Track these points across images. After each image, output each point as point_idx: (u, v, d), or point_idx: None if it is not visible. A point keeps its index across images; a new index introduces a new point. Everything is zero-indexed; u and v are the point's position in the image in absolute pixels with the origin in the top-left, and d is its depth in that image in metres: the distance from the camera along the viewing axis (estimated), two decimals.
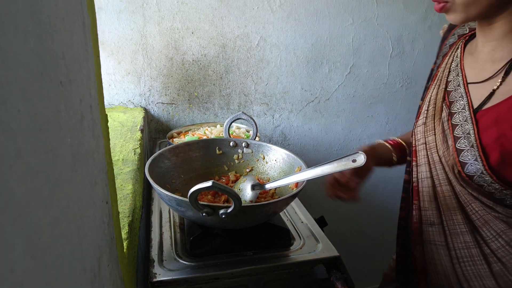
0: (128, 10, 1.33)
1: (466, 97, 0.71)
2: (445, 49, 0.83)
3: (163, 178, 0.85)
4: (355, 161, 0.66)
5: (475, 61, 0.73)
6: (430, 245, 0.79)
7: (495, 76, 0.68)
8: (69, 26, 0.34)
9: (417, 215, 0.82)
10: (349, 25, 1.54)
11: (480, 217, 0.71)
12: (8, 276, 0.21)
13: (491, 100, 0.67)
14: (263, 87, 1.55)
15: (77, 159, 0.34)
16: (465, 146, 0.69)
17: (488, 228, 0.71)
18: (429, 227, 0.79)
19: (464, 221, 0.73)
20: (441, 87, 0.77)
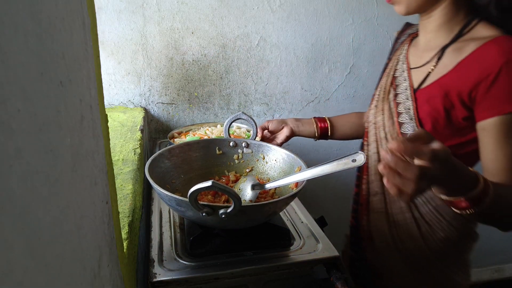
0: (128, 10, 1.33)
1: (408, 79, 0.86)
2: (397, 46, 0.98)
3: (163, 178, 0.85)
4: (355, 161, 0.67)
5: (416, 51, 0.88)
6: (374, 213, 0.92)
7: (430, 62, 0.82)
8: (69, 26, 0.34)
9: (365, 188, 0.94)
10: (349, 25, 1.54)
11: None
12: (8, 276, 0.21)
13: (426, 81, 0.82)
14: (263, 87, 1.55)
15: (77, 159, 0.34)
16: (406, 120, 0.83)
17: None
18: (373, 197, 0.92)
19: None
20: (390, 74, 0.92)
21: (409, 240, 0.86)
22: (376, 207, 0.91)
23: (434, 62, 0.80)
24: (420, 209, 0.84)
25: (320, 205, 1.68)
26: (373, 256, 0.95)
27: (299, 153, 0.95)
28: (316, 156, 1.69)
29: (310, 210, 0.98)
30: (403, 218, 0.86)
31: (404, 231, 0.87)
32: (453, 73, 0.76)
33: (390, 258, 0.91)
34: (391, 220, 0.88)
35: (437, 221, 0.84)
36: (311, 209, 0.99)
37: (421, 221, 0.85)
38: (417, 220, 0.85)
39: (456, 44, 0.78)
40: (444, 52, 0.79)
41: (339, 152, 1.72)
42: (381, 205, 0.90)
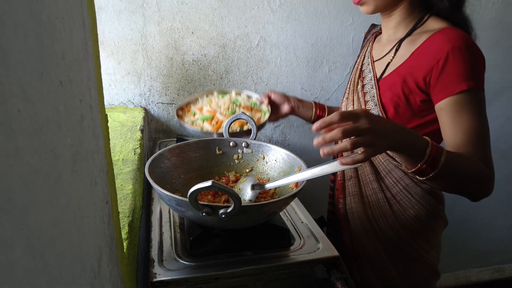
0: (128, 10, 1.33)
1: (372, 71, 0.95)
2: (364, 44, 1.09)
3: (163, 178, 0.85)
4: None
5: (379, 45, 0.99)
6: (350, 196, 0.99)
7: (389, 53, 0.93)
8: (69, 26, 0.34)
9: (341, 174, 1.02)
10: (349, 25, 1.54)
11: (385, 167, 0.93)
12: (8, 276, 0.21)
13: (387, 71, 0.92)
14: (263, 87, 1.55)
15: (77, 159, 0.34)
16: (371, 106, 0.92)
17: (390, 176, 0.92)
18: (348, 182, 0.99)
19: (372, 171, 0.94)
20: (358, 68, 1.01)
21: (382, 219, 0.94)
22: (352, 191, 0.98)
23: (392, 54, 0.91)
24: (391, 189, 0.92)
25: (320, 205, 1.67)
26: (349, 237, 1.01)
27: (299, 153, 0.95)
28: (316, 156, 1.69)
29: (310, 210, 0.98)
30: (376, 199, 0.94)
31: (377, 211, 0.94)
32: (408, 62, 0.86)
33: (365, 237, 0.96)
34: (366, 202, 0.96)
35: (407, 199, 0.92)
36: (311, 209, 0.99)
37: (392, 200, 0.93)
38: (388, 199, 0.93)
39: (410, 37, 0.89)
40: (401, 44, 0.90)
41: None
42: (356, 188, 0.97)
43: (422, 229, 0.94)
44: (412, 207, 0.92)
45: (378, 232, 0.95)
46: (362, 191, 0.96)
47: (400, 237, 0.93)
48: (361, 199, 0.96)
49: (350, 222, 0.99)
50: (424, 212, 0.92)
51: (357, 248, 0.99)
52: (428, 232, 0.95)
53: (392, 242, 0.94)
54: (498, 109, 1.87)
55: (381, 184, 0.93)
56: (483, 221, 2.10)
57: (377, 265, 0.97)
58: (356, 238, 0.99)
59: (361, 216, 0.96)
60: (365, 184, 0.95)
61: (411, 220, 0.92)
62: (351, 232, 1.00)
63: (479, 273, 2.20)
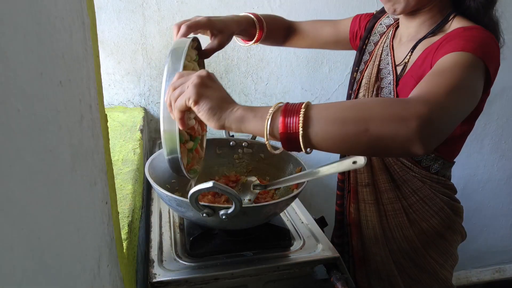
0: (128, 10, 1.33)
1: (392, 73, 0.87)
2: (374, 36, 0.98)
3: (163, 178, 0.85)
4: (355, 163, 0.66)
5: (399, 44, 0.89)
6: (364, 203, 0.93)
7: (407, 55, 0.84)
8: (69, 26, 0.34)
9: (354, 177, 0.96)
10: None
11: (400, 177, 0.87)
12: (8, 276, 0.21)
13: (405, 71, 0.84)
14: (263, 87, 1.55)
15: (77, 159, 0.34)
16: None
17: (406, 186, 0.87)
18: (363, 188, 0.93)
19: (388, 179, 0.89)
20: (375, 64, 0.92)
21: (398, 229, 0.90)
22: (367, 198, 0.93)
23: (409, 55, 0.84)
24: (408, 199, 0.88)
25: (320, 205, 1.67)
26: (359, 243, 0.97)
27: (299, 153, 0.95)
28: (316, 156, 1.69)
29: (310, 210, 0.98)
30: (392, 208, 0.89)
31: (393, 221, 0.90)
32: (420, 57, 0.79)
33: (376, 246, 0.93)
34: (382, 210, 0.91)
35: (424, 210, 0.87)
36: (311, 209, 0.99)
37: (408, 209, 0.89)
38: (405, 209, 0.89)
39: (429, 38, 0.81)
40: (418, 44, 0.82)
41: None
42: (372, 197, 0.92)
43: (437, 241, 0.90)
44: (429, 218, 0.88)
45: (391, 242, 0.91)
46: (378, 199, 0.91)
47: (414, 249, 0.90)
48: (377, 207, 0.92)
49: (362, 228, 0.95)
50: (441, 224, 0.88)
51: (366, 255, 0.96)
52: (444, 245, 0.91)
53: (405, 253, 0.91)
54: (498, 109, 1.87)
55: (397, 193, 0.89)
56: (484, 221, 2.10)
57: (385, 275, 0.94)
58: (366, 245, 0.95)
59: (375, 225, 0.92)
60: (381, 192, 0.91)
61: (427, 232, 0.88)
62: (362, 238, 0.96)
63: (479, 273, 2.20)
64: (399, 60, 0.87)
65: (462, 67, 0.63)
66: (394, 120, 0.51)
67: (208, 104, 0.55)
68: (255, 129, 0.56)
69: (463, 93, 0.60)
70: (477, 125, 1.97)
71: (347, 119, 0.52)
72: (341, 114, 0.53)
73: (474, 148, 1.92)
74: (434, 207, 0.87)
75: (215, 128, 0.56)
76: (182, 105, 0.56)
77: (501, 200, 2.08)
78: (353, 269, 1.00)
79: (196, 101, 0.55)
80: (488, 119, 1.88)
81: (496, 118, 1.89)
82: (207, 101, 0.55)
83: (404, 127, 0.50)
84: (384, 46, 0.92)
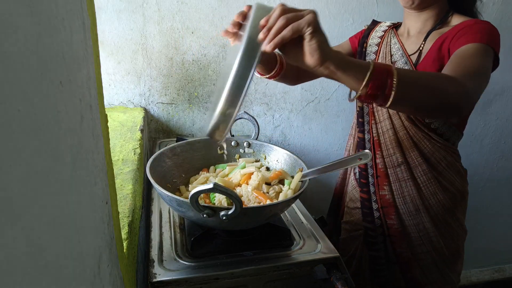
0: (128, 10, 1.33)
1: (409, 62, 1.00)
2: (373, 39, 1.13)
3: (164, 177, 0.85)
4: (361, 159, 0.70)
5: (407, 38, 1.04)
6: (399, 182, 1.06)
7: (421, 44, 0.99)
8: (69, 26, 0.34)
9: (382, 162, 1.07)
10: (349, 25, 1.54)
11: (430, 149, 1.01)
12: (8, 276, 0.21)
13: (420, 59, 0.99)
14: (263, 87, 1.55)
15: (77, 159, 0.34)
16: None
17: (435, 157, 1.02)
18: (396, 169, 1.06)
19: (419, 154, 1.02)
20: (387, 59, 1.05)
21: (433, 196, 1.03)
22: (401, 176, 1.05)
23: (422, 43, 0.99)
24: (437, 168, 1.02)
25: (320, 205, 1.67)
26: (396, 220, 1.08)
27: (299, 153, 0.95)
28: (316, 156, 1.69)
29: (310, 210, 0.98)
30: (427, 179, 1.03)
31: (429, 189, 1.04)
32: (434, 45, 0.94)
33: (418, 216, 1.05)
34: (417, 183, 1.04)
35: (450, 176, 1.03)
36: (311, 209, 0.99)
37: (439, 178, 1.03)
38: (436, 178, 1.03)
39: (438, 30, 0.97)
40: (429, 35, 0.98)
41: (339, 152, 1.72)
42: (406, 174, 1.04)
43: (461, 199, 1.06)
44: (455, 181, 1.03)
45: (429, 209, 1.04)
46: (413, 174, 1.04)
47: (447, 211, 1.04)
48: (413, 182, 1.04)
49: (399, 207, 1.07)
50: (462, 185, 1.05)
51: (405, 229, 1.08)
52: (463, 201, 1.07)
53: (441, 216, 1.04)
54: (498, 109, 1.87)
55: (428, 166, 1.02)
56: (484, 221, 2.10)
57: (426, 240, 1.06)
58: (405, 220, 1.07)
59: (414, 198, 1.04)
60: (414, 167, 1.03)
61: (455, 192, 1.04)
62: (399, 215, 1.07)
63: (479, 273, 2.20)
64: (412, 50, 1.01)
65: (479, 56, 0.81)
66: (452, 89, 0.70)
67: (322, 37, 0.59)
68: (351, 77, 0.63)
69: (483, 78, 0.79)
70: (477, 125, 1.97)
71: (425, 85, 0.69)
72: (421, 81, 0.69)
73: (474, 148, 1.92)
74: (454, 170, 1.03)
75: (316, 63, 0.59)
76: (298, 29, 0.57)
77: (501, 200, 2.08)
78: (391, 246, 1.11)
79: (314, 30, 0.57)
80: (488, 119, 1.88)
81: (495, 118, 1.89)
82: (322, 34, 0.59)
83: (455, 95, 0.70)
84: (392, 43, 1.06)
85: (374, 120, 1.08)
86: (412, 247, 1.09)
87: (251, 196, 0.80)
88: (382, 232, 1.12)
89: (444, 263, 1.09)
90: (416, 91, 0.68)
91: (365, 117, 1.11)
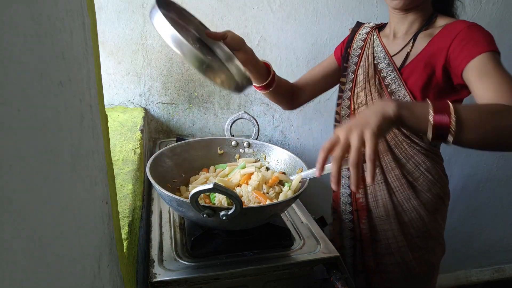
0: (128, 10, 1.33)
1: (392, 64, 0.99)
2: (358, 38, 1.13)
3: (164, 177, 0.85)
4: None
5: (392, 40, 1.04)
6: (373, 185, 1.04)
7: (407, 45, 0.98)
8: (69, 26, 0.34)
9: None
10: (349, 25, 1.54)
11: (407, 153, 0.98)
12: (8, 276, 0.21)
13: (407, 60, 0.97)
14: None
15: (77, 159, 0.34)
16: (400, 96, 0.96)
17: (412, 161, 0.98)
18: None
19: (392, 159, 1.00)
20: (370, 61, 1.05)
21: (406, 201, 1.00)
22: (376, 179, 1.01)
23: (410, 45, 0.98)
24: (413, 174, 1.00)
25: (320, 205, 1.67)
26: (367, 225, 1.06)
27: (299, 153, 0.94)
28: (316, 156, 1.69)
29: (310, 210, 0.98)
30: (400, 184, 1.00)
31: (401, 195, 1.01)
32: (427, 48, 0.93)
33: (387, 223, 1.02)
34: (391, 188, 1.01)
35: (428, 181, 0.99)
36: (311, 209, 0.99)
37: (413, 184, 1.00)
38: (411, 183, 1.00)
39: (426, 31, 0.96)
40: (417, 37, 0.97)
41: None
42: (380, 177, 1.02)
43: (439, 205, 1.01)
44: (432, 187, 0.99)
45: (402, 215, 1.01)
46: (386, 178, 1.01)
47: (422, 217, 1.00)
48: (386, 186, 1.02)
49: (372, 210, 1.05)
50: (441, 190, 1.01)
51: (376, 234, 1.05)
52: (443, 207, 1.03)
53: (414, 223, 1.01)
54: None
55: (402, 171, 1.00)
56: (484, 221, 2.10)
57: (395, 249, 1.02)
58: (377, 224, 1.05)
59: (385, 202, 1.02)
60: (388, 171, 1.01)
61: (433, 198, 1.00)
62: (372, 219, 1.05)
63: (479, 273, 2.20)
64: (394, 52, 1.01)
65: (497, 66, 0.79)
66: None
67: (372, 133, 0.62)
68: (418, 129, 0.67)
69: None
70: None
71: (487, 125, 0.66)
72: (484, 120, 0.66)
73: None
74: (435, 175, 0.99)
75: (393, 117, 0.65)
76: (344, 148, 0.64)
77: (501, 200, 2.08)
78: (360, 252, 1.09)
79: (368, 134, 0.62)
80: None
81: None
82: (369, 129, 0.62)
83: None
84: (374, 45, 1.06)
85: None
86: (381, 256, 1.05)
87: (251, 196, 0.80)
88: (353, 236, 1.09)
89: (415, 279, 1.03)
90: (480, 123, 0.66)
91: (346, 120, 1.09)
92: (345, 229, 1.11)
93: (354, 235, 1.09)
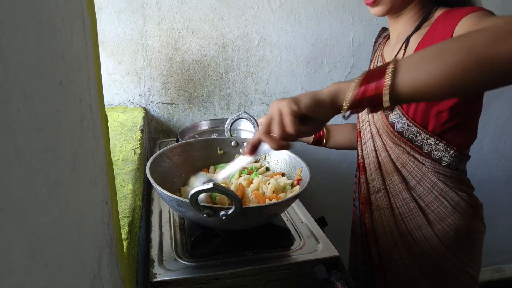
0: (128, 10, 1.33)
1: None
2: (375, 49, 1.06)
3: (164, 178, 0.85)
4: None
5: (391, 47, 0.96)
6: (378, 210, 0.94)
7: (399, 52, 0.89)
8: (69, 26, 0.34)
9: (365, 187, 0.97)
10: (349, 25, 1.54)
11: (416, 174, 0.87)
12: (8, 276, 0.21)
13: None
14: (263, 87, 1.55)
15: (77, 159, 0.34)
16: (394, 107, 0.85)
17: (422, 183, 0.86)
18: (376, 195, 0.94)
19: (400, 180, 0.89)
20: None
21: (417, 230, 0.88)
22: (380, 204, 0.93)
23: (402, 51, 0.88)
24: (425, 198, 0.86)
25: (320, 205, 1.68)
26: (377, 252, 0.96)
27: (299, 153, 0.94)
28: (316, 156, 1.69)
29: (310, 210, 0.98)
30: (408, 209, 0.88)
31: (410, 222, 0.88)
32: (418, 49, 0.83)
33: (396, 252, 0.91)
34: (397, 214, 0.90)
35: (443, 207, 0.85)
36: (311, 209, 0.99)
37: (427, 209, 0.87)
38: (423, 209, 0.87)
39: (418, 31, 0.86)
40: (409, 40, 0.87)
41: (339, 151, 1.72)
42: (385, 201, 0.92)
43: (460, 239, 0.87)
44: (448, 216, 0.85)
45: (412, 245, 0.89)
46: (391, 202, 0.90)
47: (436, 249, 0.87)
48: (392, 212, 0.91)
49: (378, 237, 0.95)
50: (462, 220, 0.85)
51: (386, 264, 0.95)
52: (467, 242, 0.88)
53: (428, 255, 0.88)
54: (498, 109, 1.87)
55: (412, 194, 0.88)
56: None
57: (408, 280, 0.91)
58: (385, 252, 0.94)
59: (391, 229, 0.91)
60: (394, 195, 0.90)
61: (449, 230, 0.85)
62: (379, 246, 0.95)
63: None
64: (389, 58, 0.93)
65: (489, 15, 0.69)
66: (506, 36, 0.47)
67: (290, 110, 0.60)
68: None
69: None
70: None
71: (446, 51, 0.49)
72: (435, 51, 0.51)
73: (474, 148, 1.91)
74: (451, 201, 0.85)
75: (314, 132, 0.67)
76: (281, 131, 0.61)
77: (501, 200, 2.08)
78: (371, 280, 1.00)
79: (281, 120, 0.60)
80: (488, 119, 1.88)
81: (495, 118, 1.89)
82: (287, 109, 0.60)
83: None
84: (378, 56, 1.00)
85: (360, 142, 0.99)
86: (393, 284, 0.94)
87: (251, 196, 0.80)
88: (363, 261, 1.01)
89: None
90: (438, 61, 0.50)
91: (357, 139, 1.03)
92: (358, 252, 1.04)
93: (365, 260, 1.01)
